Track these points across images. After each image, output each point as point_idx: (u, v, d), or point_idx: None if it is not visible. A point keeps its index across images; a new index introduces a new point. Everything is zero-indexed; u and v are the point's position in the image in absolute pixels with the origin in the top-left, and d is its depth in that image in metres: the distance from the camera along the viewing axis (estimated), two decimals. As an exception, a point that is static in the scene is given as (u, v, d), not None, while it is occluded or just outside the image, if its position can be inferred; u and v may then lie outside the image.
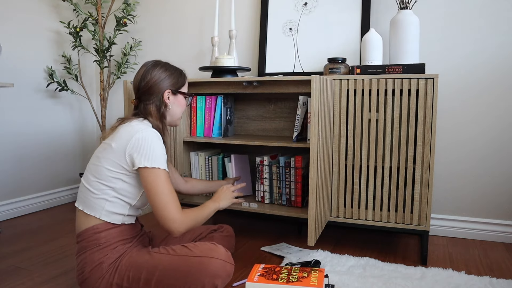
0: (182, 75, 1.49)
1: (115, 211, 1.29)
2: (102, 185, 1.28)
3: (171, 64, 1.49)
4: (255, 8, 2.37)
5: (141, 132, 1.27)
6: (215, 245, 1.28)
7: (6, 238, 2.02)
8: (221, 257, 1.23)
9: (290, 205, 1.93)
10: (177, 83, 1.45)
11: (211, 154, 2.15)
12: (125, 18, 2.51)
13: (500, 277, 1.55)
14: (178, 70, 1.48)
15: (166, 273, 1.22)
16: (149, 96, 1.40)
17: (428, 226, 1.66)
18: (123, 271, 1.25)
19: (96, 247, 1.26)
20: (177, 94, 1.46)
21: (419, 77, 1.61)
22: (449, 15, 1.98)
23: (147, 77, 1.40)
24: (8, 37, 2.32)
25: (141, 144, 1.25)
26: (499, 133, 1.94)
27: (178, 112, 1.48)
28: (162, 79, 1.41)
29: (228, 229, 1.66)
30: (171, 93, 1.43)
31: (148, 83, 1.40)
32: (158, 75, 1.41)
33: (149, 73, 1.41)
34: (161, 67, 1.43)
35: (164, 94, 1.41)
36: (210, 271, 1.20)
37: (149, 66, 1.43)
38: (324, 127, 1.61)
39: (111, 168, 1.27)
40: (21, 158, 2.43)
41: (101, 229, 1.27)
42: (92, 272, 1.25)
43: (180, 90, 1.47)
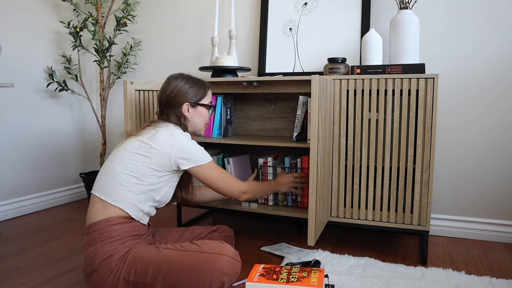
0: (203, 87, 1.52)
1: (138, 205, 1.34)
2: (135, 178, 1.33)
3: (194, 77, 1.53)
4: (255, 8, 2.37)
5: (182, 136, 1.38)
6: (223, 243, 1.28)
7: (6, 238, 2.02)
8: (229, 255, 1.24)
9: (296, 206, 1.93)
10: (196, 95, 1.49)
11: (211, 154, 2.15)
12: (125, 18, 2.51)
13: (500, 277, 1.55)
14: (199, 82, 1.52)
15: (174, 268, 1.22)
16: (169, 109, 1.48)
17: (428, 226, 1.66)
18: (131, 264, 1.25)
19: (108, 239, 1.27)
20: (196, 107, 1.50)
21: (419, 77, 1.61)
22: (449, 15, 1.98)
23: (167, 90, 1.47)
24: (8, 37, 2.32)
25: (185, 147, 1.37)
26: (499, 133, 1.94)
27: (200, 123, 1.53)
28: (181, 92, 1.47)
29: (227, 230, 1.66)
30: (190, 106, 1.48)
31: (168, 97, 1.47)
32: (178, 89, 1.47)
33: (169, 86, 1.48)
34: (182, 80, 1.49)
35: (183, 107, 1.47)
36: (218, 268, 1.20)
37: (171, 79, 1.50)
38: (324, 127, 1.61)
39: (152, 166, 1.34)
40: (21, 158, 2.43)
41: (116, 222, 1.29)
42: (102, 264, 1.25)
43: (200, 103, 1.50)
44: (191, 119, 1.50)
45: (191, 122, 1.51)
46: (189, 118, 1.49)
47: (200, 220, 2.33)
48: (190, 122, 1.50)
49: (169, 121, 1.47)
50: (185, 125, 1.49)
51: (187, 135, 1.41)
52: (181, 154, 1.36)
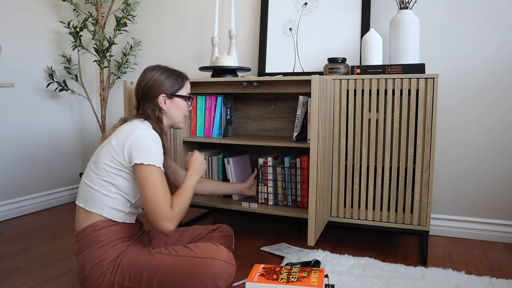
0: (180, 78, 1.46)
1: (117, 207, 1.30)
2: (103, 181, 1.29)
3: (171, 68, 1.47)
4: (255, 8, 2.37)
5: (141, 130, 1.29)
6: (217, 245, 1.28)
7: (6, 238, 2.02)
8: (223, 258, 1.23)
9: (296, 206, 1.93)
10: (172, 86, 1.43)
11: (211, 154, 2.15)
12: (125, 18, 2.51)
13: (500, 277, 1.55)
14: (176, 73, 1.46)
15: (168, 274, 1.22)
16: (145, 101, 1.42)
17: (428, 226, 1.66)
18: (125, 270, 1.25)
19: (96, 244, 1.26)
20: (173, 98, 1.44)
21: (419, 77, 1.61)
22: (449, 15, 1.98)
23: (143, 82, 1.42)
24: (8, 37, 2.32)
25: (139, 141, 1.27)
26: (499, 133, 1.94)
27: (177, 115, 1.46)
28: (157, 83, 1.40)
29: (227, 229, 1.66)
30: (166, 97, 1.42)
31: (144, 88, 1.41)
32: (153, 80, 1.41)
33: (145, 77, 1.42)
34: (158, 71, 1.43)
35: (159, 99, 1.41)
36: (212, 273, 1.20)
37: (147, 70, 1.43)
38: (324, 127, 1.61)
39: (111, 164, 1.28)
40: (21, 158, 2.43)
41: (101, 226, 1.27)
42: (93, 271, 1.25)
43: (177, 94, 1.45)
44: (168, 111, 1.43)
45: (168, 115, 1.44)
46: (165, 110, 1.42)
47: (200, 220, 2.33)
48: (167, 114, 1.44)
49: (145, 114, 1.40)
50: (160, 118, 1.42)
51: (154, 132, 1.32)
52: (135, 144, 1.26)
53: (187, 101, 1.48)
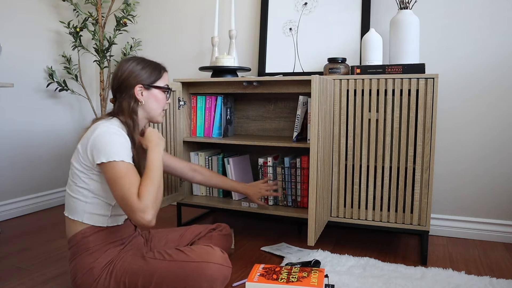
0: (158, 69, 1.40)
1: (97, 212, 1.27)
2: (78, 187, 1.26)
3: (148, 59, 1.41)
4: (255, 8, 2.37)
5: (100, 129, 1.23)
6: (212, 248, 1.26)
7: (6, 238, 2.02)
8: (218, 261, 1.22)
9: (296, 205, 1.93)
10: (149, 77, 1.36)
11: (211, 154, 2.15)
12: (125, 18, 2.51)
13: (500, 277, 1.55)
14: (153, 63, 1.40)
15: (164, 280, 1.21)
16: (121, 92, 1.34)
17: (428, 226, 1.66)
18: (119, 276, 1.24)
19: (85, 251, 1.25)
20: (151, 89, 1.36)
21: (419, 77, 1.61)
22: (449, 15, 1.98)
23: (118, 73, 1.35)
24: (8, 37, 2.32)
25: (97, 140, 1.21)
26: (499, 133, 1.94)
27: (155, 107, 1.38)
28: (133, 74, 1.33)
29: (226, 228, 1.66)
30: (143, 88, 1.35)
31: (119, 79, 1.34)
32: (129, 70, 1.34)
33: (121, 68, 1.35)
34: (134, 61, 1.36)
35: (136, 89, 1.33)
36: (207, 276, 1.19)
37: (123, 61, 1.37)
38: (324, 127, 1.61)
39: (80, 169, 1.25)
40: (21, 158, 2.43)
41: (90, 233, 1.26)
42: (84, 278, 1.24)
43: (154, 85, 1.37)
44: (145, 102, 1.36)
45: (146, 107, 1.36)
46: (142, 102, 1.35)
47: (200, 220, 2.33)
48: (144, 106, 1.36)
49: (120, 108, 1.33)
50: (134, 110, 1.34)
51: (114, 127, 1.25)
52: (94, 144, 1.21)
53: (165, 93, 1.41)
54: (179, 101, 2.02)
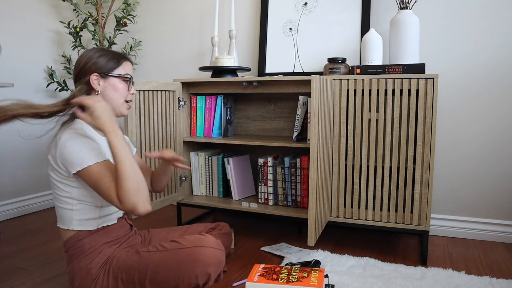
0: (117, 57, 1.32)
1: (85, 217, 1.26)
2: (62, 197, 1.25)
3: (110, 50, 1.35)
4: (255, 8, 2.37)
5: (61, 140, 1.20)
6: (203, 234, 1.26)
7: (6, 238, 2.02)
8: (210, 245, 1.21)
9: (296, 206, 1.93)
10: (106, 64, 1.29)
11: (211, 154, 2.15)
12: (125, 18, 2.51)
13: (500, 277, 1.55)
14: (113, 52, 1.33)
15: (158, 270, 1.21)
16: (79, 82, 1.29)
17: (428, 226, 1.66)
18: (116, 274, 1.24)
19: (81, 254, 1.25)
20: (108, 78, 1.29)
21: (419, 77, 1.61)
22: (449, 15, 1.98)
23: (77, 62, 1.30)
24: (8, 37, 2.32)
25: (63, 151, 1.18)
26: (499, 133, 1.94)
27: (115, 98, 1.30)
28: (90, 61, 1.28)
29: (226, 227, 1.65)
30: (99, 77, 1.28)
31: (77, 68, 1.29)
32: (87, 58, 1.28)
33: (79, 59, 1.30)
34: (92, 50, 1.31)
35: (92, 78, 1.27)
36: (201, 261, 1.19)
37: (83, 52, 1.32)
38: (324, 127, 1.61)
39: (58, 179, 1.23)
40: (21, 158, 2.43)
41: (83, 236, 1.25)
42: (82, 280, 1.24)
43: (111, 73, 1.29)
44: (103, 92, 1.29)
45: (104, 97, 1.29)
46: (98, 91, 1.28)
47: (200, 220, 2.33)
48: (102, 96, 1.29)
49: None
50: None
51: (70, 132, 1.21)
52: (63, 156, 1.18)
53: (126, 83, 1.33)
54: (179, 101, 2.02)
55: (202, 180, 2.15)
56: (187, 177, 2.13)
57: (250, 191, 2.16)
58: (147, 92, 1.83)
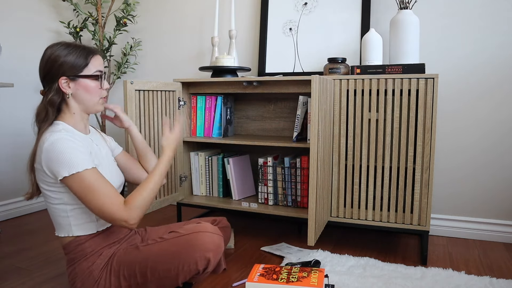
0: (83, 54, 1.22)
1: (82, 221, 1.24)
2: (54, 205, 1.22)
3: (76, 43, 1.26)
4: (255, 8, 2.37)
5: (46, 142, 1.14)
6: (201, 221, 1.28)
7: (6, 238, 2.02)
8: (207, 230, 1.23)
9: (296, 206, 1.93)
10: (74, 66, 1.20)
11: (211, 154, 2.15)
12: (125, 18, 2.51)
13: (500, 277, 1.55)
14: (79, 48, 1.23)
15: (158, 260, 1.21)
16: (47, 84, 1.22)
17: (428, 226, 1.66)
18: (117, 271, 1.24)
19: (83, 257, 1.24)
20: (77, 79, 1.21)
21: (419, 77, 1.61)
22: (449, 15, 1.98)
23: (43, 62, 1.22)
24: (8, 37, 2.32)
25: (50, 155, 1.12)
26: (499, 132, 1.94)
27: (89, 98, 1.24)
28: (56, 64, 1.19)
29: (223, 221, 1.64)
30: (68, 80, 1.21)
31: (43, 70, 1.21)
32: (52, 59, 1.19)
33: (44, 57, 1.21)
34: (58, 48, 1.21)
35: (60, 82, 1.20)
36: (199, 246, 1.19)
37: (47, 48, 1.23)
38: (324, 127, 1.61)
39: (47, 187, 1.20)
40: (21, 158, 2.43)
41: (84, 240, 1.24)
42: (84, 282, 1.24)
43: (81, 74, 1.21)
44: (75, 94, 1.22)
45: (78, 99, 1.23)
46: (68, 95, 1.21)
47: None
48: (76, 98, 1.23)
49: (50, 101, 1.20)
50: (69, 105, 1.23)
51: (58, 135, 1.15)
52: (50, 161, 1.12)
53: (98, 80, 1.26)
54: (179, 101, 2.02)
55: (202, 180, 2.15)
56: (187, 177, 2.13)
57: (250, 191, 2.16)
58: (147, 92, 1.83)
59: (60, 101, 1.23)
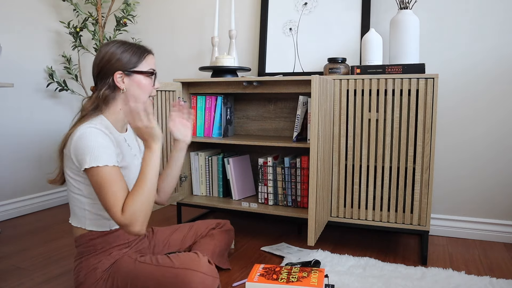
0: (139, 52, 1.27)
1: (97, 217, 1.25)
2: (75, 194, 1.23)
3: (131, 42, 1.30)
4: (255, 8, 2.37)
5: (79, 132, 1.16)
6: (198, 256, 1.21)
7: (6, 238, 2.02)
8: (201, 270, 1.16)
9: (296, 206, 1.93)
10: (129, 61, 1.24)
11: (211, 154, 2.15)
12: (125, 18, 2.51)
13: (500, 277, 1.55)
14: (135, 46, 1.28)
15: (147, 284, 1.19)
16: (101, 80, 1.25)
17: (428, 226, 1.66)
18: (113, 278, 1.24)
19: (92, 252, 1.25)
20: (132, 75, 1.25)
21: (419, 77, 1.61)
22: (449, 15, 1.98)
23: (98, 58, 1.25)
24: (8, 37, 2.32)
25: (78, 145, 1.15)
26: (499, 132, 1.94)
27: (139, 94, 1.27)
28: (113, 59, 1.23)
29: (227, 224, 1.64)
30: (124, 75, 1.24)
31: (99, 66, 1.24)
32: (109, 55, 1.23)
33: (100, 53, 1.25)
34: (114, 45, 1.25)
35: (115, 76, 1.23)
36: (186, 284, 1.13)
37: (103, 45, 1.27)
38: (324, 127, 1.61)
39: (72, 175, 1.21)
40: (21, 158, 2.43)
41: (96, 236, 1.25)
42: (87, 277, 1.24)
43: (135, 70, 1.25)
44: (128, 90, 1.25)
45: (129, 95, 1.26)
46: (123, 90, 1.24)
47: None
48: (127, 94, 1.26)
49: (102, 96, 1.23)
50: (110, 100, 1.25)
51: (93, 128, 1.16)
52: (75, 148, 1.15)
53: (150, 78, 1.29)
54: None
55: (202, 180, 2.15)
56: (187, 177, 2.13)
57: (250, 191, 2.16)
58: (147, 92, 1.83)
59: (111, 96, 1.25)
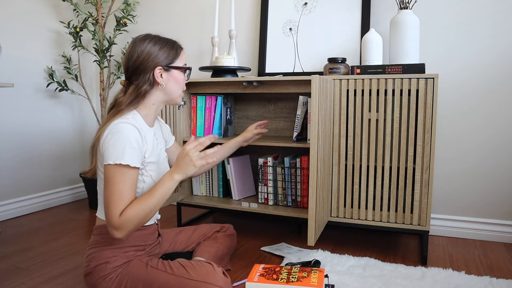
0: (175, 47, 1.34)
1: None
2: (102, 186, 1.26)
3: (163, 36, 1.35)
4: (255, 8, 2.37)
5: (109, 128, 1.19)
6: (213, 268, 1.22)
7: (6, 238, 2.02)
8: (217, 283, 1.18)
9: (296, 206, 1.93)
10: (168, 57, 1.30)
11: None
12: (125, 18, 2.51)
13: (500, 277, 1.55)
14: (170, 42, 1.34)
15: None
16: (138, 76, 1.28)
17: (428, 226, 1.66)
18: (122, 279, 1.24)
19: (109, 245, 1.25)
20: (170, 70, 1.31)
21: (419, 77, 1.61)
22: (449, 15, 1.98)
23: (134, 55, 1.28)
24: (8, 37, 2.32)
25: (107, 141, 1.18)
26: (499, 132, 1.94)
27: (176, 89, 1.33)
28: (151, 55, 1.27)
29: (230, 228, 1.67)
30: (163, 70, 1.29)
31: (136, 62, 1.27)
32: (147, 51, 1.27)
33: (136, 50, 1.28)
34: (150, 41, 1.30)
35: (156, 72, 1.28)
36: None
37: (137, 41, 1.30)
38: (324, 127, 1.61)
39: (101, 168, 1.25)
40: (21, 158, 2.43)
41: None
42: (96, 269, 1.24)
43: (173, 65, 1.31)
44: (166, 85, 1.30)
45: (166, 89, 1.31)
46: (163, 85, 1.29)
47: (200, 220, 2.33)
48: (165, 89, 1.31)
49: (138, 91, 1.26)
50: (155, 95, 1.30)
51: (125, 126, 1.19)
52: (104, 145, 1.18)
53: (184, 73, 1.36)
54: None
55: (202, 180, 2.15)
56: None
57: (250, 191, 2.16)
58: (147, 92, 1.83)
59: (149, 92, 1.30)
